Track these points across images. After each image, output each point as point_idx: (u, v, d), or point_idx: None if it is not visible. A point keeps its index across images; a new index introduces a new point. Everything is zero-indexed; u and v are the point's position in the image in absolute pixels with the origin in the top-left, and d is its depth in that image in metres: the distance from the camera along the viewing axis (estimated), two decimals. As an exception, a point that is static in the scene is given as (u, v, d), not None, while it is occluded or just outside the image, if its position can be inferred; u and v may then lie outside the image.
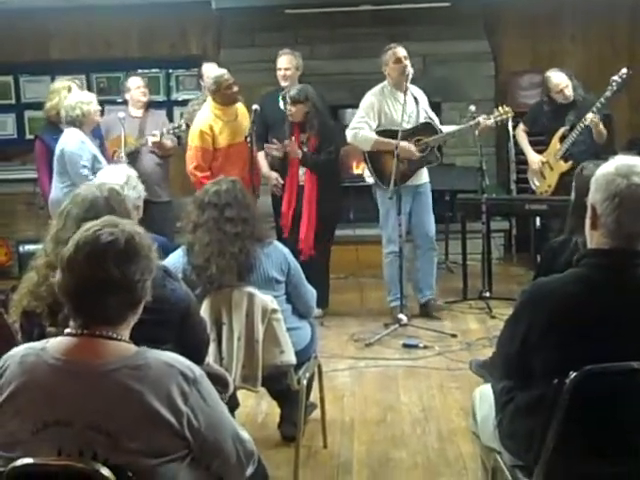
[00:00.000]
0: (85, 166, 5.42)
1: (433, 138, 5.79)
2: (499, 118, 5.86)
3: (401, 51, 5.76)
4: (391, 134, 5.65)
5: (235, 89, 5.78)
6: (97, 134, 5.90)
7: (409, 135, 5.70)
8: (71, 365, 1.88)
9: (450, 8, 7.54)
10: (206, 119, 5.79)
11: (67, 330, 1.95)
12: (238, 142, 5.82)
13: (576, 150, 5.95)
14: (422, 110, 5.87)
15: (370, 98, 5.85)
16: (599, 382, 2.18)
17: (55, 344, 1.93)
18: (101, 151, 5.72)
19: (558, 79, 6.05)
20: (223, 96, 5.74)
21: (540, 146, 6.34)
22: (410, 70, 5.63)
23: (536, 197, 6.30)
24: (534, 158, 6.31)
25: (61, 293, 1.95)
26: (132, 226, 2.01)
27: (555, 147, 6.11)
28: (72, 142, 5.42)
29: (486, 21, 7.93)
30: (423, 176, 5.94)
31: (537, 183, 6.32)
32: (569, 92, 6.03)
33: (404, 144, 5.61)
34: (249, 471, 2.12)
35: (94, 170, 5.18)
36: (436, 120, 5.99)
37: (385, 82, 5.85)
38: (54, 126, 5.77)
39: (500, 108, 5.89)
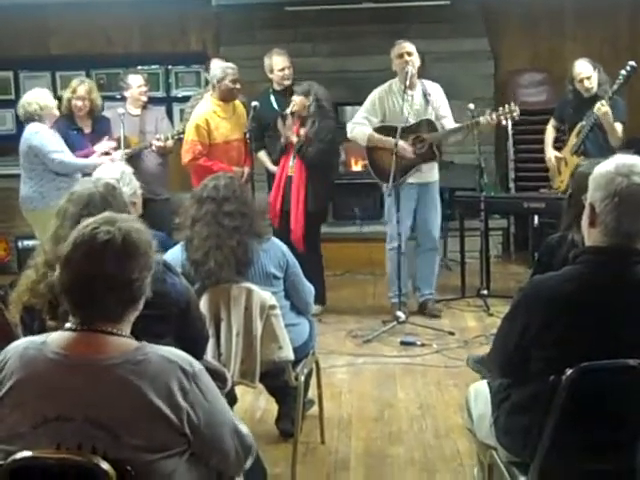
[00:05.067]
0: (56, 151, 5.56)
1: (431, 135, 5.74)
2: (502, 117, 5.67)
3: (404, 47, 5.69)
4: (391, 130, 5.63)
5: (238, 86, 5.79)
6: (101, 131, 5.99)
7: (409, 132, 5.67)
8: (72, 359, 1.88)
9: (450, 6, 7.54)
10: (203, 113, 5.77)
11: (67, 325, 1.94)
12: (235, 139, 5.81)
13: (590, 146, 5.76)
14: (431, 107, 5.77)
15: (375, 94, 5.85)
16: (595, 379, 2.19)
17: (56, 338, 1.92)
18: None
19: (580, 68, 5.83)
20: (225, 88, 5.73)
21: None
22: (410, 68, 5.58)
23: (534, 195, 6.29)
24: (549, 155, 6.23)
25: (60, 290, 1.94)
26: (130, 223, 1.99)
27: (572, 142, 5.97)
28: (35, 135, 5.59)
29: (486, 19, 7.91)
30: (430, 174, 5.86)
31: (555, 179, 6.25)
32: (590, 84, 5.79)
33: (401, 144, 5.57)
34: (247, 464, 2.13)
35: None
36: (449, 118, 5.83)
37: (396, 78, 5.80)
38: (67, 117, 5.96)
39: (506, 106, 5.68)
